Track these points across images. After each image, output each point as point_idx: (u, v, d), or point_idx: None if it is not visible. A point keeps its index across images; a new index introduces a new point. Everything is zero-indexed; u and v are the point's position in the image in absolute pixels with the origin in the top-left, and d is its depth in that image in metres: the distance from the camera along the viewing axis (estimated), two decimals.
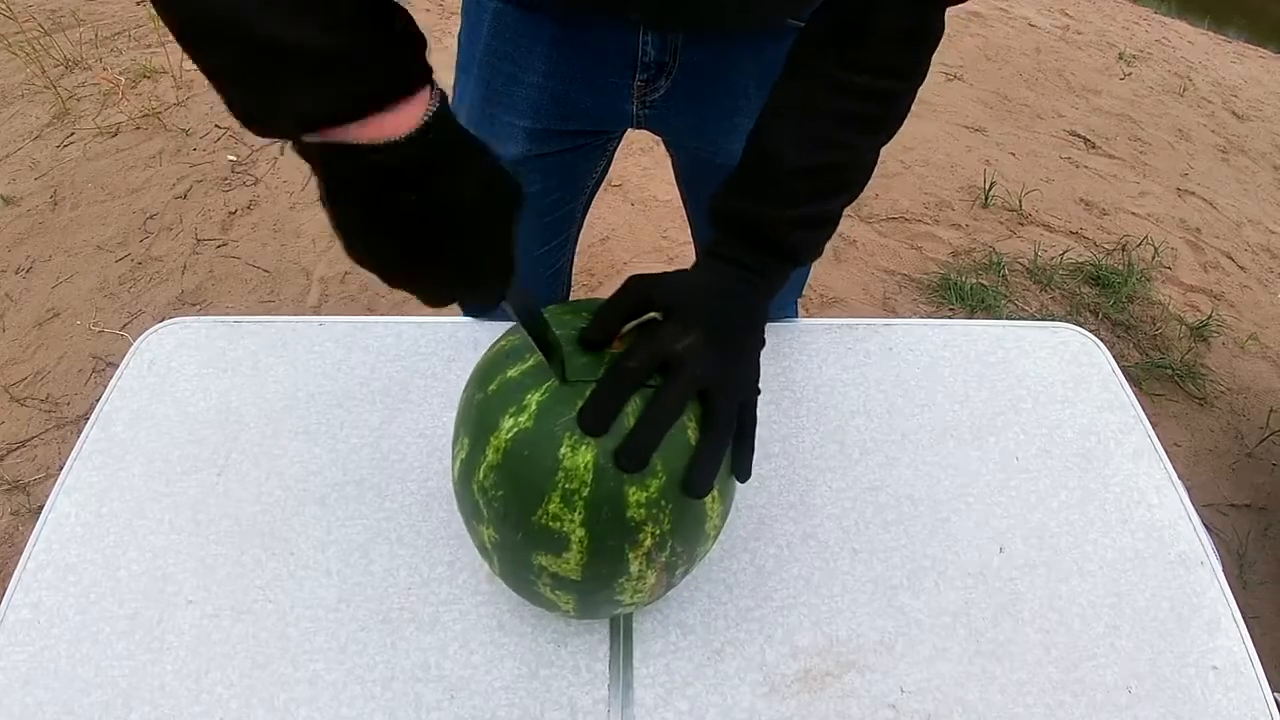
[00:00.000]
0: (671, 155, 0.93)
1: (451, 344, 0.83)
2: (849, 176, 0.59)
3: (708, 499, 0.52)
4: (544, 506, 0.49)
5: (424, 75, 0.39)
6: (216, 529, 0.68)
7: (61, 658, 0.60)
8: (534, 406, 0.50)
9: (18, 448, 1.61)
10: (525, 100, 0.78)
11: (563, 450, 0.48)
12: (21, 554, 0.66)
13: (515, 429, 0.50)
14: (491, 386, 0.53)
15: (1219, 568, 0.70)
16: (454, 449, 0.56)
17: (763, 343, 0.58)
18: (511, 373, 0.53)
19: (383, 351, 0.82)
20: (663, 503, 0.49)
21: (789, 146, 0.56)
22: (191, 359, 0.81)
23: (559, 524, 0.49)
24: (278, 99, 0.37)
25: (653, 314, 0.54)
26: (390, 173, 0.39)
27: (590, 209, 0.98)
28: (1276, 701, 0.62)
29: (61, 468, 0.72)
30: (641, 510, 0.49)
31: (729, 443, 0.52)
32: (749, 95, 0.76)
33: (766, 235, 0.57)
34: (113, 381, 0.79)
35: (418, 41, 0.39)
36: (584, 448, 0.48)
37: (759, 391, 0.56)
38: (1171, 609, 0.66)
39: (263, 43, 0.35)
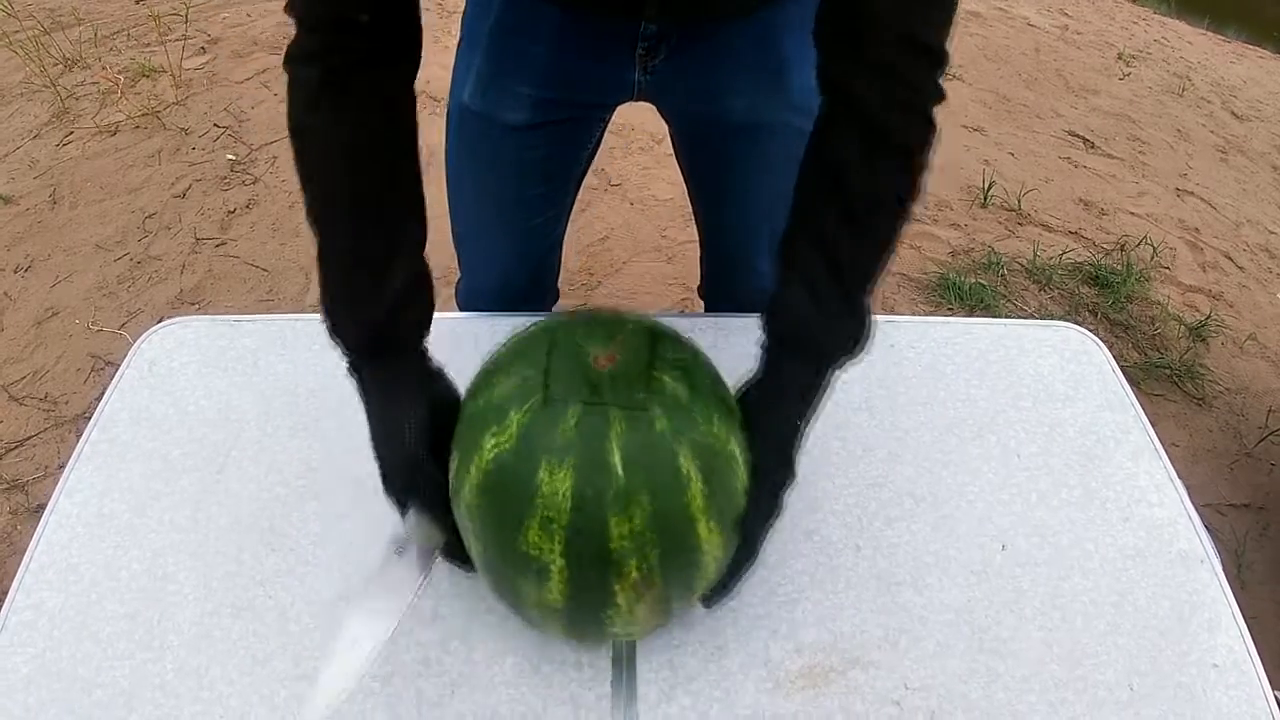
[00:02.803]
0: (670, 126, 0.95)
1: (450, 339, 0.82)
2: (886, 259, 0.62)
3: (701, 528, 0.50)
4: (523, 534, 0.47)
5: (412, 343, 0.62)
6: (216, 527, 0.68)
7: (63, 658, 0.60)
8: (515, 427, 0.49)
9: (16, 447, 1.60)
10: (533, 70, 0.81)
11: (540, 475, 0.47)
12: (21, 553, 0.66)
13: (496, 449, 0.49)
14: (480, 401, 0.53)
15: (1219, 566, 0.70)
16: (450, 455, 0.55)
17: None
18: (499, 389, 0.52)
19: None
20: (649, 534, 0.47)
21: (822, 288, 0.60)
22: (191, 358, 0.81)
23: (539, 553, 0.47)
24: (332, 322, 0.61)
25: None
26: (355, 364, 0.62)
27: (589, 208, 0.98)
28: (1277, 699, 0.62)
29: (60, 467, 0.72)
30: (626, 542, 0.47)
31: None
32: (746, 52, 0.80)
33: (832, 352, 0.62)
34: (113, 381, 0.79)
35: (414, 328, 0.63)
36: (562, 473, 0.46)
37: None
38: (1172, 607, 0.66)
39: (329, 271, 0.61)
